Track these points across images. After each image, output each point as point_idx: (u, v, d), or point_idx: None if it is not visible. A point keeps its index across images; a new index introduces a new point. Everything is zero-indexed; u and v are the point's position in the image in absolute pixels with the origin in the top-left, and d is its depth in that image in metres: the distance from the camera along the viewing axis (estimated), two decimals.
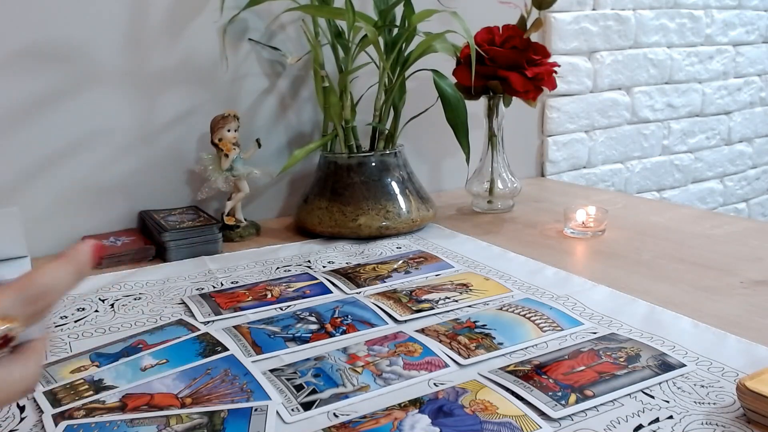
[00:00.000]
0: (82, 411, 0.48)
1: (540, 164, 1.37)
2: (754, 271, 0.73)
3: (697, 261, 0.78)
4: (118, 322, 0.65)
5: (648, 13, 1.45)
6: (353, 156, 0.93)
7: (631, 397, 0.48)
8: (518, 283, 0.72)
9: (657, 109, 1.52)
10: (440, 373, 0.53)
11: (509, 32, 0.97)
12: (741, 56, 1.64)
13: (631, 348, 0.55)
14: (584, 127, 1.41)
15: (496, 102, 1.01)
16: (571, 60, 1.35)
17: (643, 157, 1.52)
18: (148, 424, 0.45)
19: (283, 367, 0.54)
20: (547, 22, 1.29)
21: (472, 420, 0.45)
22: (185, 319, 0.64)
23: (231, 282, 0.75)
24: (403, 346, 0.57)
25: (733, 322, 0.60)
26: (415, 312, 0.64)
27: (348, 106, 0.93)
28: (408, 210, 0.91)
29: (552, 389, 0.48)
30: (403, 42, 0.91)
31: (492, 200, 1.05)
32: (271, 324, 0.62)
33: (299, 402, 0.48)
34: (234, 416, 0.46)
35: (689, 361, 0.53)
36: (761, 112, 1.74)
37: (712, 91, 1.61)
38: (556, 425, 0.45)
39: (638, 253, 0.82)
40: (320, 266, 0.80)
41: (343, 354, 0.56)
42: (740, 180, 1.74)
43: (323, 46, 0.95)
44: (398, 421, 0.45)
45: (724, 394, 0.48)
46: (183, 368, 0.54)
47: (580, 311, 0.64)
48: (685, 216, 1.00)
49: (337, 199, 0.91)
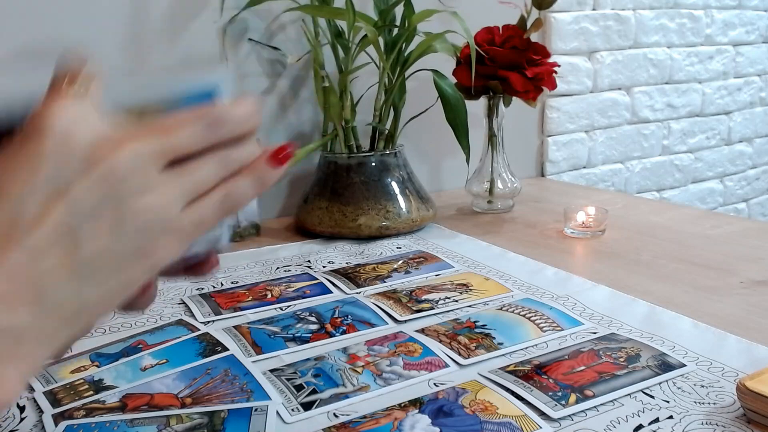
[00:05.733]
0: (82, 411, 0.48)
1: (540, 164, 1.37)
2: (753, 271, 0.73)
3: (697, 261, 0.78)
4: (118, 322, 0.65)
5: (648, 13, 1.45)
6: (353, 156, 0.93)
7: (631, 397, 0.48)
8: (518, 283, 0.72)
9: (657, 109, 1.52)
10: (440, 373, 0.53)
11: (509, 32, 0.97)
12: (741, 56, 1.64)
13: (631, 348, 0.55)
14: (584, 127, 1.41)
15: (496, 102, 1.01)
16: (571, 60, 1.35)
17: (643, 157, 1.52)
18: (148, 424, 0.45)
19: (283, 367, 0.54)
20: (547, 22, 1.29)
21: (472, 420, 0.45)
22: (185, 319, 0.64)
23: (231, 282, 0.75)
24: (403, 346, 0.57)
25: (733, 322, 0.60)
26: (415, 312, 0.64)
27: (348, 106, 0.93)
28: (408, 210, 0.91)
29: (552, 389, 0.48)
30: (403, 42, 0.91)
31: (492, 200, 1.05)
32: (271, 324, 0.62)
33: (299, 402, 0.48)
34: (234, 416, 0.46)
35: (689, 361, 0.53)
36: (761, 112, 1.74)
37: (712, 91, 1.61)
38: (556, 425, 0.45)
39: (638, 253, 0.82)
40: (320, 266, 0.80)
41: (343, 354, 0.56)
42: (740, 180, 1.74)
43: (323, 46, 0.95)
44: (398, 421, 0.45)
45: (724, 394, 0.48)
46: (183, 368, 0.54)
47: (580, 311, 0.64)
48: (685, 216, 1.00)
49: (337, 199, 0.91)
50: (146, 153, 0.30)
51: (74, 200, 0.29)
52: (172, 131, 0.32)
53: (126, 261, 0.30)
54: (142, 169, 0.30)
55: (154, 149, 0.31)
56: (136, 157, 0.30)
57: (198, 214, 0.32)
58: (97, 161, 0.29)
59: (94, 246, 0.29)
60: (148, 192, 0.30)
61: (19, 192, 0.29)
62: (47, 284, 0.29)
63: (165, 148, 0.31)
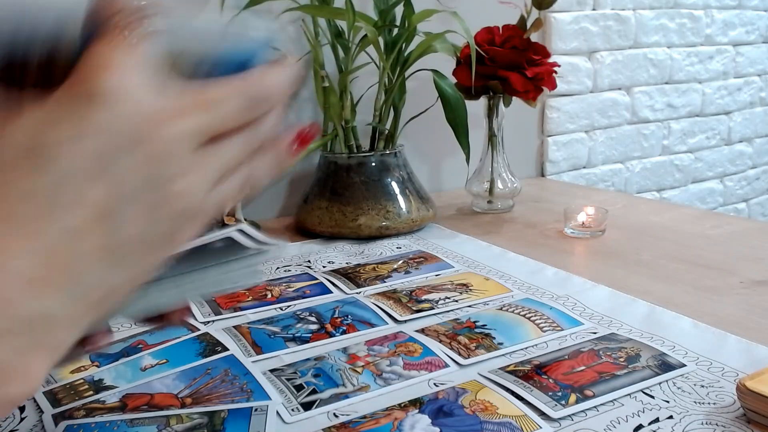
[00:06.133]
0: (82, 411, 0.48)
1: (540, 164, 1.37)
2: (754, 271, 0.73)
3: (696, 261, 0.78)
4: (118, 322, 0.64)
5: (648, 13, 1.45)
6: (353, 156, 0.93)
7: (631, 397, 0.48)
8: (518, 283, 0.72)
9: (657, 109, 1.52)
10: (440, 373, 0.53)
11: (509, 32, 0.97)
12: (741, 56, 1.64)
13: (631, 348, 0.55)
14: (584, 127, 1.41)
15: (496, 102, 1.01)
16: (571, 60, 1.35)
17: (643, 157, 1.52)
18: (148, 424, 0.45)
19: (283, 367, 0.54)
20: (547, 22, 1.29)
21: (472, 420, 0.45)
22: (185, 319, 0.64)
23: None
24: (403, 346, 0.57)
25: (733, 322, 0.60)
26: (415, 312, 0.64)
27: (348, 106, 0.93)
28: (408, 210, 0.91)
29: (552, 389, 0.48)
30: (403, 42, 0.91)
31: (492, 200, 1.05)
32: (271, 324, 0.62)
33: (299, 402, 0.48)
34: (234, 416, 0.46)
35: (689, 361, 0.53)
36: (761, 112, 1.74)
37: (712, 91, 1.61)
38: (556, 425, 0.45)
39: (638, 253, 0.82)
40: (320, 266, 0.80)
41: (343, 354, 0.56)
42: (740, 180, 1.74)
43: (323, 46, 0.95)
44: (398, 421, 0.45)
45: (724, 394, 0.48)
46: (183, 368, 0.54)
47: (580, 311, 0.64)
48: (685, 216, 1.00)
49: (337, 199, 0.91)
50: (189, 132, 0.28)
51: (118, 181, 0.27)
52: (215, 106, 0.29)
53: (155, 246, 0.29)
54: (181, 151, 0.28)
55: (196, 128, 0.29)
56: (181, 138, 0.28)
57: (221, 197, 0.31)
58: (143, 140, 0.27)
59: (131, 230, 0.28)
60: (184, 176, 0.28)
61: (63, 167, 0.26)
62: (81, 269, 0.27)
63: (207, 126, 0.29)
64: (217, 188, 0.30)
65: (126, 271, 0.29)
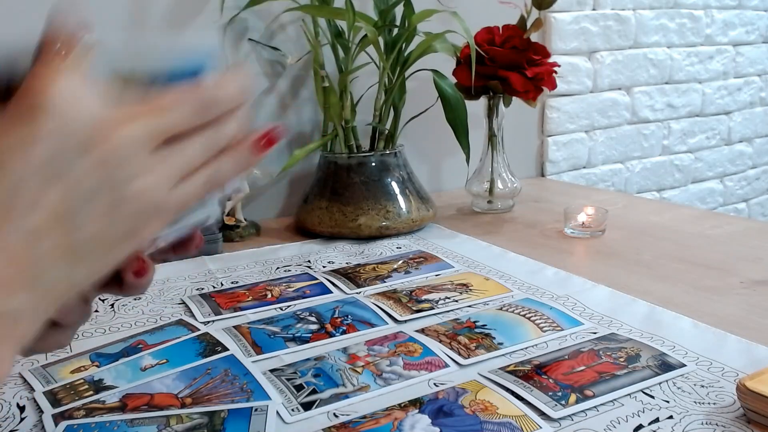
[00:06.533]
0: (82, 411, 0.48)
1: (540, 164, 1.37)
2: (754, 271, 0.73)
3: (696, 261, 0.78)
4: (118, 322, 0.65)
5: (648, 13, 1.45)
6: (353, 156, 0.93)
7: (631, 397, 0.48)
8: (518, 283, 0.72)
9: (657, 109, 1.52)
10: (440, 373, 0.53)
11: (509, 32, 0.97)
12: (741, 56, 1.64)
13: (631, 348, 0.55)
14: (584, 127, 1.41)
15: (496, 102, 1.01)
16: (571, 60, 1.35)
17: (643, 157, 1.52)
18: (148, 424, 0.45)
19: (283, 367, 0.54)
20: (547, 22, 1.29)
21: (472, 420, 0.45)
22: (185, 319, 0.64)
23: (231, 282, 0.75)
24: (403, 346, 0.57)
25: (733, 322, 0.60)
26: (415, 312, 0.64)
27: (348, 106, 0.93)
28: (408, 210, 0.91)
29: (552, 389, 0.48)
30: (403, 42, 0.91)
31: (492, 200, 1.05)
32: (271, 324, 0.62)
33: (299, 402, 0.48)
34: (234, 416, 0.46)
35: (689, 361, 0.53)
36: (761, 112, 1.74)
37: (712, 91, 1.61)
38: (556, 425, 0.45)
39: (638, 253, 0.82)
40: (320, 266, 0.80)
41: (343, 354, 0.56)
42: (740, 180, 1.74)
43: (323, 46, 0.95)
44: (398, 421, 0.45)
45: (724, 394, 0.48)
46: (183, 368, 0.54)
47: (580, 311, 0.64)
48: (685, 216, 1.00)
49: (337, 199, 0.91)
50: (142, 135, 0.31)
51: (73, 183, 0.29)
52: (165, 111, 0.32)
53: (116, 242, 0.31)
54: (137, 152, 0.31)
55: (149, 131, 0.31)
56: (133, 141, 0.30)
57: (184, 194, 0.33)
58: (95, 144, 0.30)
59: (91, 229, 0.30)
60: (142, 175, 0.31)
61: (17, 172, 0.29)
62: (44, 267, 0.29)
63: (159, 129, 0.31)
64: (181, 185, 0.32)
65: (89, 266, 0.31)
